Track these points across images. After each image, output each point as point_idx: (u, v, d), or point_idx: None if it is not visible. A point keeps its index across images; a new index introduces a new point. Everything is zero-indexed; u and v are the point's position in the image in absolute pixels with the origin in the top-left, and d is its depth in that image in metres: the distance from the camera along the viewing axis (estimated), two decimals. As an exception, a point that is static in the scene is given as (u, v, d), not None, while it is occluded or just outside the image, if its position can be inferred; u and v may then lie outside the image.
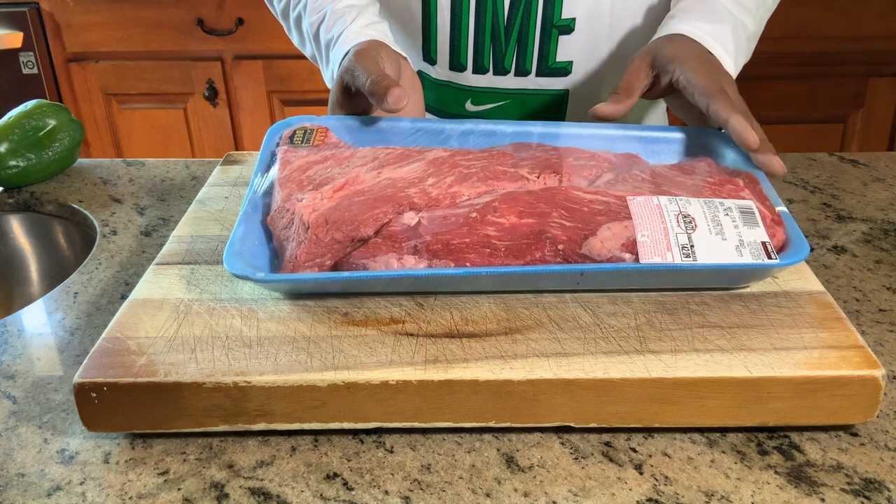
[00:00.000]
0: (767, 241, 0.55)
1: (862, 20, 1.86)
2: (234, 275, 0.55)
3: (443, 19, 0.84)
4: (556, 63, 0.85)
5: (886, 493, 0.48)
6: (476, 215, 0.58)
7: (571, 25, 0.83)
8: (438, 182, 0.63)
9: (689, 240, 0.54)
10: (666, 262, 0.53)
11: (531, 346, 0.52)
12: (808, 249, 0.55)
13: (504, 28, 0.83)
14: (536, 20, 0.82)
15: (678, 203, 0.57)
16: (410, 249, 0.57)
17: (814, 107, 1.95)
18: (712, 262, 0.53)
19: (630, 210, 0.57)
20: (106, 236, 0.79)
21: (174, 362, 0.51)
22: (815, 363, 0.50)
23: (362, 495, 0.48)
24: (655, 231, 0.55)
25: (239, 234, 0.59)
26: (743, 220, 0.56)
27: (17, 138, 0.87)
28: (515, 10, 0.82)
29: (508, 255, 0.56)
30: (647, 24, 0.86)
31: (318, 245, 0.58)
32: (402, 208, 0.60)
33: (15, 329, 0.65)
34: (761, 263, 0.53)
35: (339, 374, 0.50)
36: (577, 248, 0.55)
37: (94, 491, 0.49)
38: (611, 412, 0.51)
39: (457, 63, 0.86)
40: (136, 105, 2.09)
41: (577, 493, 0.48)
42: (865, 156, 0.94)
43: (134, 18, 1.98)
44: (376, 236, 0.58)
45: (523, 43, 0.84)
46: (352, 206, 0.60)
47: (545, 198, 0.59)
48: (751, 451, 0.51)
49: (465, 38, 0.84)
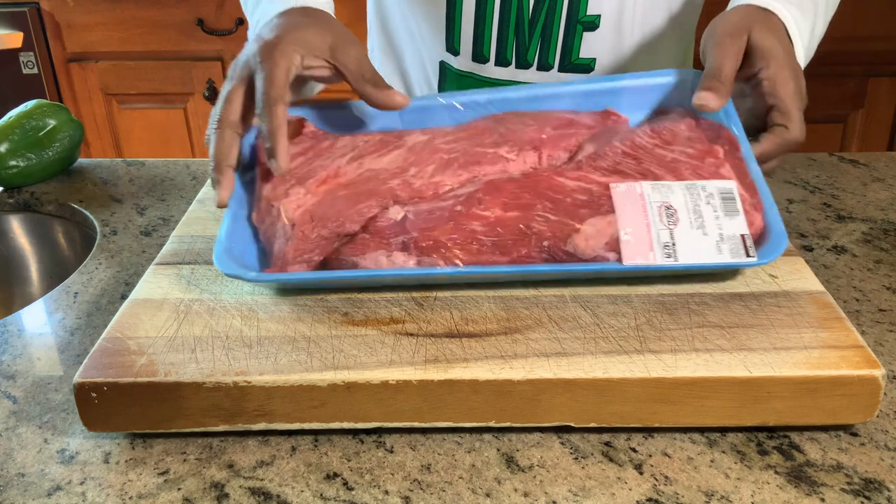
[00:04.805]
0: (746, 234, 0.56)
1: (862, 20, 1.86)
2: (226, 274, 0.56)
3: (468, 10, 0.84)
4: (580, 59, 0.85)
5: (886, 493, 0.48)
6: (461, 208, 0.58)
7: (596, 22, 0.82)
8: (420, 171, 0.63)
9: (671, 237, 0.56)
10: (648, 264, 0.55)
11: (531, 345, 0.52)
12: (786, 243, 0.56)
13: (529, 21, 0.83)
14: (561, 15, 0.82)
15: (661, 191, 0.58)
16: (399, 246, 0.57)
17: (814, 107, 1.93)
18: (692, 262, 0.55)
19: (613, 201, 0.58)
20: (106, 236, 0.79)
21: (174, 362, 0.51)
22: (815, 363, 0.50)
23: (362, 495, 0.48)
24: (638, 227, 0.56)
25: (226, 231, 0.60)
26: (724, 207, 0.57)
27: (18, 138, 0.87)
28: (541, 4, 0.82)
29: (495, 251, 0.57)
30: (673, 24, 0.86)
31: (305, 242, 0.58)
32: (387, 202, 0.60)
33: (15, 329, 0.65)
34: (739, 263, 0.55)
35: (339, 373, 0.50)
36: (563, 245, 0.56)
37: (94, 491, 0.49)
38: (611, 412, 0.51)
39: (479, 55, 0.86)
40: (136, 105, 2.09)
41: (577, 493, 0.48)
42: (865, 156, 0.94)
43: (134, 18, 1.98)
44: (363, 231, 0.59)
45: (547, 37, 0.83)
46: (336, 202, 0.60)
47: (529, 186, 0.60)
48: (751, 451, 0.51)
49: (489, 29, 0.84)
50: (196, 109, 2.07)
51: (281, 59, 0.61)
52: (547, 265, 0.57)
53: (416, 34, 0.90)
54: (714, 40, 0.67)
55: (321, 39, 0.64)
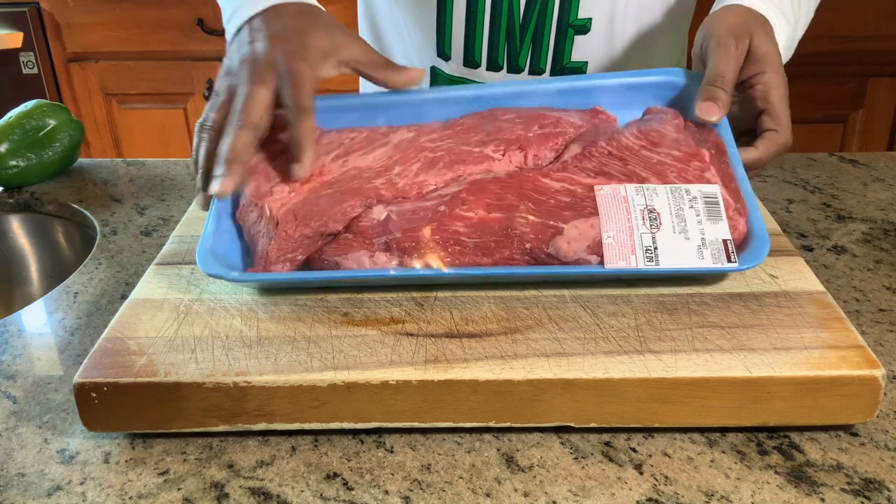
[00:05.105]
0: (728, 239, 0.56)
1: (862, 20, 1.86)
2: (208, 274, 0.55)
3: (458, 15, 0.83)
4: (571, 63, 0.85)
5: (886, 493, 0.48)
6: (444, 209, 0.58)
7: (588, 26, 0.82)
8: (405, 171, 0.63)
9: (654, 240, 0.56)
10: (630, 267, 0.55)
11: (531, 346, 0.52)
12: (767, 249, 0.56)
13: (519, 26, 0.82)
14: (552, 19, 0.82)
15: (644, 195, 0.58)
16: (381, 246, 0.57)
17: (814, 107, 1.95)
18: (673, 266, 0.55)
19: (597, 203, 0.58)
20: (106, 236, 0.79)
21: (174, 362, 0.51)
22: (815, 363, 0.50)
23: (362, 495, 0.48)
24: (621, 231, 0.56)
25: (210, 230, 0.59)
26: (707, 211, 0.57)
27: (18, 138, 0.87)
28: (531, 9, 0.81)
29: (477, 253, 0.57)
30: (666, 26, 0.86)
31: (287, 241, 0.58)
32: (370, 201, 0.60)
33: (15, 329, 0.65)
34: (720, 268, 0.55)
35: (339, 374, 0.50)
36: (545, 247, 0.56)
37: (94, 491, 0.49)
38: (611, 412, 0.51)
39: (471, 60, 0.86)
40: (136, 105, 2.09)
41: (577, 493, 0.48)
42: (865, 156, 0.94)
43: (134, 18, 1.98)
44: (346, 231, 0.59)
45: (538, 42, 0.83)
46: (320, 200, 0.60)
47: (512, 187, 0.60)
48: (751, 451, 0.51)
49: (479, 34, 0.84)
50: (196, 109, 2.07)
51: (307, 69, 0.63)
52: (530, 267, 0.57)
53: (406, 39, 0.90)
54: (716, 41, 0.66)
55: (330, 42, 0.65)
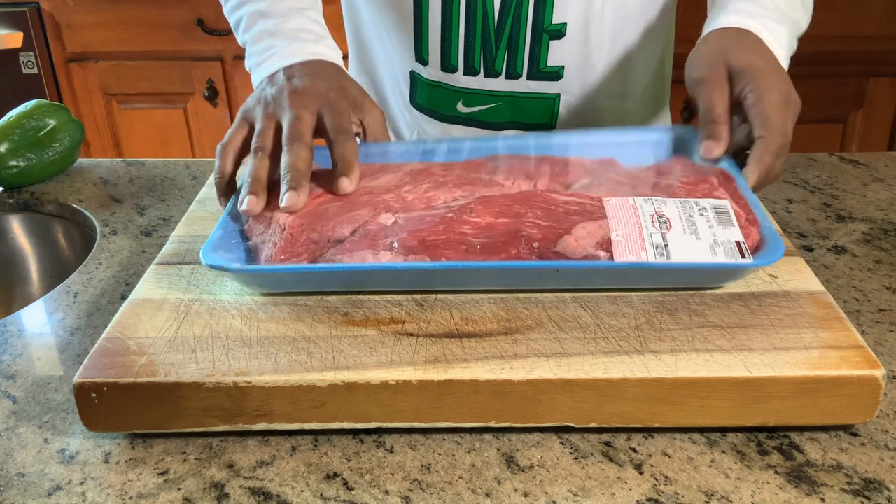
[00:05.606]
0: (741, 241, 0.55)
1: (862, 20, 1.86)
2: (210, 266, 0.56)
3: (433, 20, 0.83)
4: (548, 67, 0.84)
5: (886, 493, 0.48)
6: (452, 215, 0.58)
7: (563, 30, 0.82)
8: (414, 188, 0.64)
9: (664, 239, 0.55)
10: (640, 261, 0.54)
11: (531, 346, 0.52)
12: (783, 250, 0.55)
13: (494, 31, 0.82)
14: (527, 24, 0.82)
15: (653, 203, 0.58)
16: (386, 246, 0.57)
17: (814, 107, 1.94)
18: (686, 261, 0.54)
19: (605, 210, 0.57)
20: (106, 236, 0.79)
21: (174, 362, 0.51)
22: (815, 363, 0.50)
23: (362, 495, 0.48)
24: (630, 230, 0.56)
25: (217, 237, 0.60)
26: (718, 219, 0.57)
27: (17, 138, 0.87)
28: (506, 14, 0.81)
29: (484, 252, 0.56)
30: (645, 30, 0.86)
31: (293, 244, 0.58)
32: (379, 211, 0.60)
33: (15, 329, 0.65)
34: (734, 263, 0.54)
35: (339, 374, 0.50)
36: (552, 246, 0.56)
37: (94, 491, 0.49)
38: (611, 412, 0.51)
39: (448, 64, 0.86)
40: (136, 105, 2.09)
41: (577, 493, 0.48)
42: (865, 156, 0.94)
43: (134, 18, 1.98)
44: (353, 236, 0.58)
45: (514, 47, 0.83)
46: (328, 210, 0.61)
47: (521, 199, 0.60)
48: (751, 451, 0.51)
49: (455, 40, 0.84)
50: (196, 109, 2.07)
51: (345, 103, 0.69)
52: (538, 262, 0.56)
53: (387, 44, 0.90)
54: (697, 77, 0.68)
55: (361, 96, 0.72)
